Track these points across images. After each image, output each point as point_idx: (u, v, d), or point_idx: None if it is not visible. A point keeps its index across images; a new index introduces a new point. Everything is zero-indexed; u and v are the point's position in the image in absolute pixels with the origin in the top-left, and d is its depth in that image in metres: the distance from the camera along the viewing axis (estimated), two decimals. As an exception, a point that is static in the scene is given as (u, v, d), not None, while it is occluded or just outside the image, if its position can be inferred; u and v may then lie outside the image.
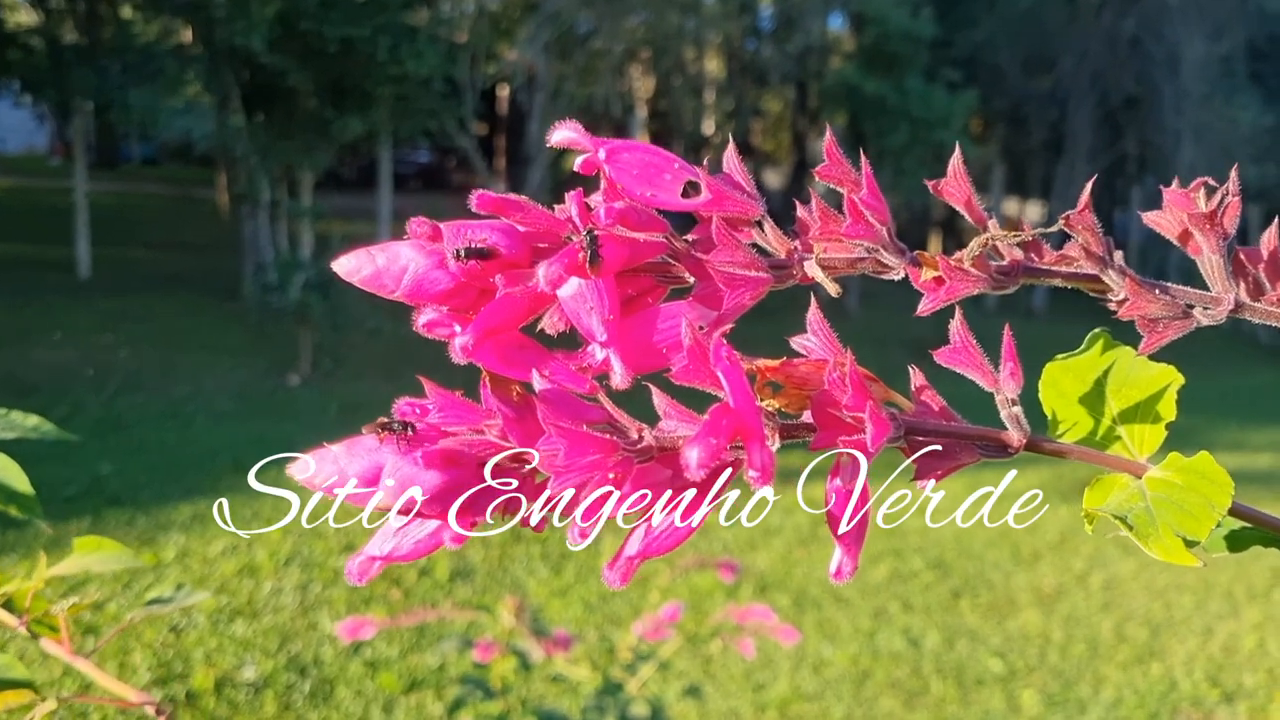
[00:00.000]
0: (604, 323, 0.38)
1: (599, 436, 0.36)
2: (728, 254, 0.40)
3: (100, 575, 5.14)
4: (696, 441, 0.35)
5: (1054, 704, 4.76)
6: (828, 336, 0.42)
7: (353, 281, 0.40)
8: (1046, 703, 4.76)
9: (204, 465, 7.18)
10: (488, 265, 0.39)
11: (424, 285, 0.40)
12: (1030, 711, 4.67)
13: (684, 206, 0.42)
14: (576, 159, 0.43)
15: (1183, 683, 5.04)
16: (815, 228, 0.42)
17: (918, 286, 0.42)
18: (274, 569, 5.54)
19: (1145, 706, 4.80)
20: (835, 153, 0.43)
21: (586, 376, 0.39)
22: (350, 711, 4.29)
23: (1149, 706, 4.81)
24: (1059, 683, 4.97)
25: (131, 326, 11.33)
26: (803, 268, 0.42)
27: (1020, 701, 4.74)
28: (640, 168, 0.42)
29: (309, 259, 11.71)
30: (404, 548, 0.40)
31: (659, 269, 0.41)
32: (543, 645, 2.74)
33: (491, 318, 0.39)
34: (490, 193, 0.40)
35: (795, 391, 0.40)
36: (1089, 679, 5.05)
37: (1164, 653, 5.33)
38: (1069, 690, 4.92)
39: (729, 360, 0.37)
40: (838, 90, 16.16)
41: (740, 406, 0.36)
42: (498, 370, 0.39)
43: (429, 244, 0.39)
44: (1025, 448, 0.39)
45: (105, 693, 0.90)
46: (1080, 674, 5.09)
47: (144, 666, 4.36)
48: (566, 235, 0.40)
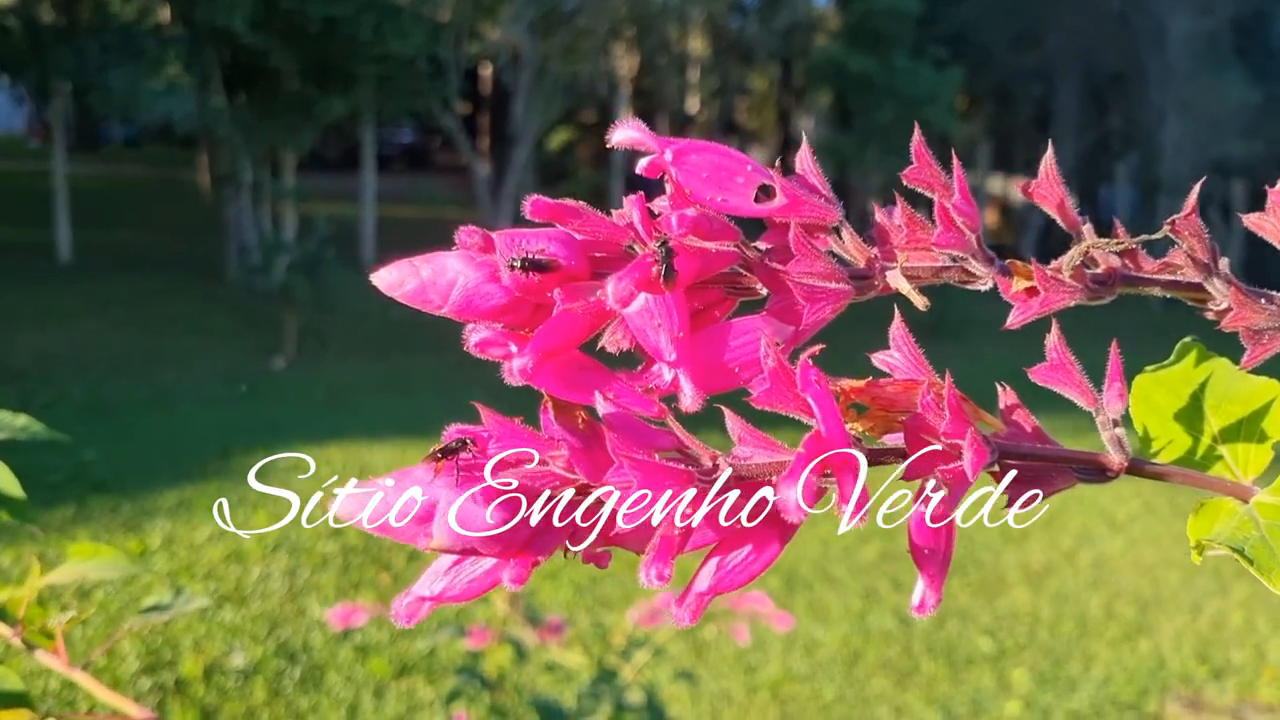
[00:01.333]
0: (673, 341, 0.35)
1: (673, 467, 0.33)
2: (807, 264, 0.37)
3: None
4: (794, 480, 0.32)
5: (1044, 682, 4.78)
6: (913, 353, 0.39)
7: (394, 296, 0.37)
8: (1037, 681, 4.78)
9: (190, 450, 7.12)
10: (545, 279, 0.35)
11: (475, 301, 0.36)
12: (1021, 690, 4.68)
13: (757, 212, 0.38)
14: (559, 138, 0.39)
15: (1171, 660, 5.06)
16: (901, 235, 0.39)
17: (1007, 297, 0.39)
18: (261, 555, 5.51)
19: (1134, 683, 4.82)
20: (925, 154, 0.40)
21: (653, 399, 0.36)
22: (341, 698, 4.27)
23: (1138, 683, 4.83)
24: (1049, 661, 4.99)
25: (115, 310, 11.23)
26: (884, 278, 0.39)
27: (1011, 680, 4.75)
28: (710, 170, 0.38)
29: (293, 240, 11.61)
30: (457, 587, 0.37)
31: (728, 280, 0.38)
32: (537, 632, 2.72)
33: (551, 336, 0.36)
34: (545, 199, 0.36)
35: (881, 414, 0.37)
36: (1079, 657, 5.07)
37: (1153, 630, 5.36)
38: (1059, 668, 4.94)
39: (819, 384, 0.34)
40: (823, 68, 16.09)
41: (833, 436, 0.33)
42: (558, 393, 0.36)
43: (479, 255, 0.36)
44: (1126, 470, 0.37)
45: (105, 708, 0.87)
46: (1070, 652, 5.11)
47: (132, 654, 4.33)
48: (627, 245, 0.37)
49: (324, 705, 4.21)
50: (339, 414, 8.46)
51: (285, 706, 4.18)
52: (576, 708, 2.66)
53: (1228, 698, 4.75)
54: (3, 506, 0.89)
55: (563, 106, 15.64)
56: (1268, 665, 5.07)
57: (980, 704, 4.53)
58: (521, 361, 0.35)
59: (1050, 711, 4.52)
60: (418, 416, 8.39)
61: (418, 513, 0.35)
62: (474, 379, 9.92)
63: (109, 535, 5.54)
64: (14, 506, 0.89)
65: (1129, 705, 4.62)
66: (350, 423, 8.12)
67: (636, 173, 0.39)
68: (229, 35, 11.98)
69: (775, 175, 0.39)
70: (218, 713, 4.09)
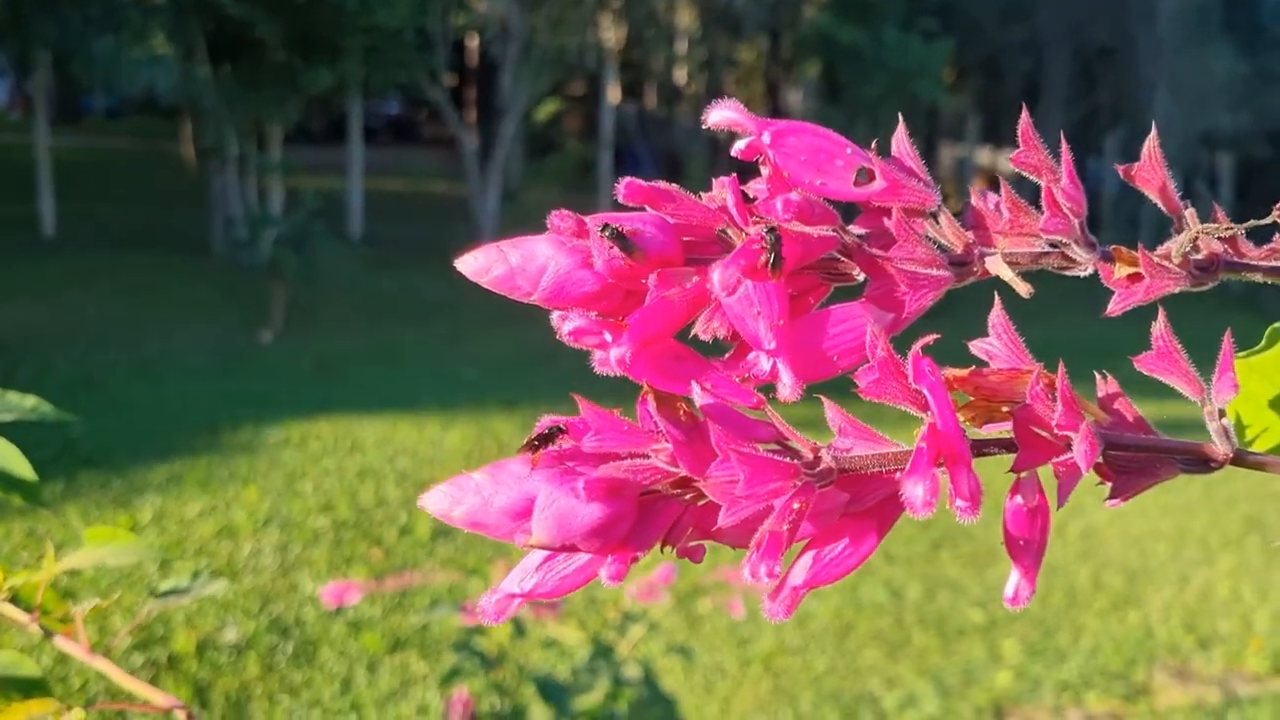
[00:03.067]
0: (773, 329, 0.34)
1: (779, 461, 0.32)
2: (909, 250, 0.36)
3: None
4: (919, 475, 0.31)
5: (1034, 653, 4.81)
6: (1013, 341, 0.38)
7: (480, 282, 0.36)
8: (1027, 652, 4.82)
9: (178, 425, 7.09)
10: (640, 264, 0.34)
11: (566, 287, 0.35)
12: (1011, 660, 4.72)
13: (855, 196, 0.37)
14: (547, 111, 0.38)
15: (1159, 630, 5.10)
16: (1003, 220, 0.38)
17: (1108, 283, 0.38)
18: (252, 530, 5.49)
19: (1123, 653, 4.86)
20: (1031, 137, 0.39)
21: (751, 389, 0.35)
22: (334, 672, 4.27)
23: (1126, 653, 4.87)
24: (1039, 632, 5.03)
25: (100, 284, 11.14)
26: (982, 264, 0.38)
27: (1001, 651, 4.79)
28: (809, 152, 0.37)
29: (280, 214, 11.53)
30: (549, 583, 0.36)
31: (824, 266, 0.37)
32: (533, 608, 2.72)
33: (648, 324, 0.34)
34: (638, 181, 0.35)
35: (983, 404, 0.36)
36: (1068, 627, 5.11)
37: (1140, 601, 5.40)
38: (1049, 639, 4.97)
39: (934, 376, 0.33)
40: (812, 40, 16.02)
41: (948, 429, 0.32)
42: (655, 383, 0.35)
43: (571, 240, 0.35)
44: (1230, 461, 0.36)
45: (129, 697, 0.86)
46: (1059, 623, 5.15)
47: (124, 630, 4.32)
48: (720, 229, 0.36)
49: (317, 680, 4.21)
50: (327, 387, 8.43)
51: (278, 682, 4.18)
52: (574, 683, 2.66)
53: (1215, 667, 4.80)
54: (13, 489, 0.88)
55: (550, 79, 15.54)
56: (1254, 635, 5.12)
57: (971, 674, 4.56)
58: (619, 350, 0.34)
59: (1040, 681, 4.56)
60: (407, 389, 8.37)
61: (514, 508, 0.34)
62: (463, 352, 9.90)
63: (99, 511, 5.52)
64: (25, 489, 0.88)
65: (1117, 675, 4.66)
66: (339, 396, 8.10)
67: (631, 148, 0.38)
68: (213, 5, 11.85)
69: (874, 158, 0.38)
70: (211, 688, 4.09)
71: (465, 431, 7.34)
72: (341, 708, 4.06)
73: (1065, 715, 4.32)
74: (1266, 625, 5.23)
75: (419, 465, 6.59)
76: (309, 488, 6.10)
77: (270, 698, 4.06)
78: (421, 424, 7.40)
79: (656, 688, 2.70)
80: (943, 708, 4.30)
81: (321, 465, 6.50)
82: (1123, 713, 4.35)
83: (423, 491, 0.35)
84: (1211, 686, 4.57)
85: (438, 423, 7.46)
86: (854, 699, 4.32)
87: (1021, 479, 0.35)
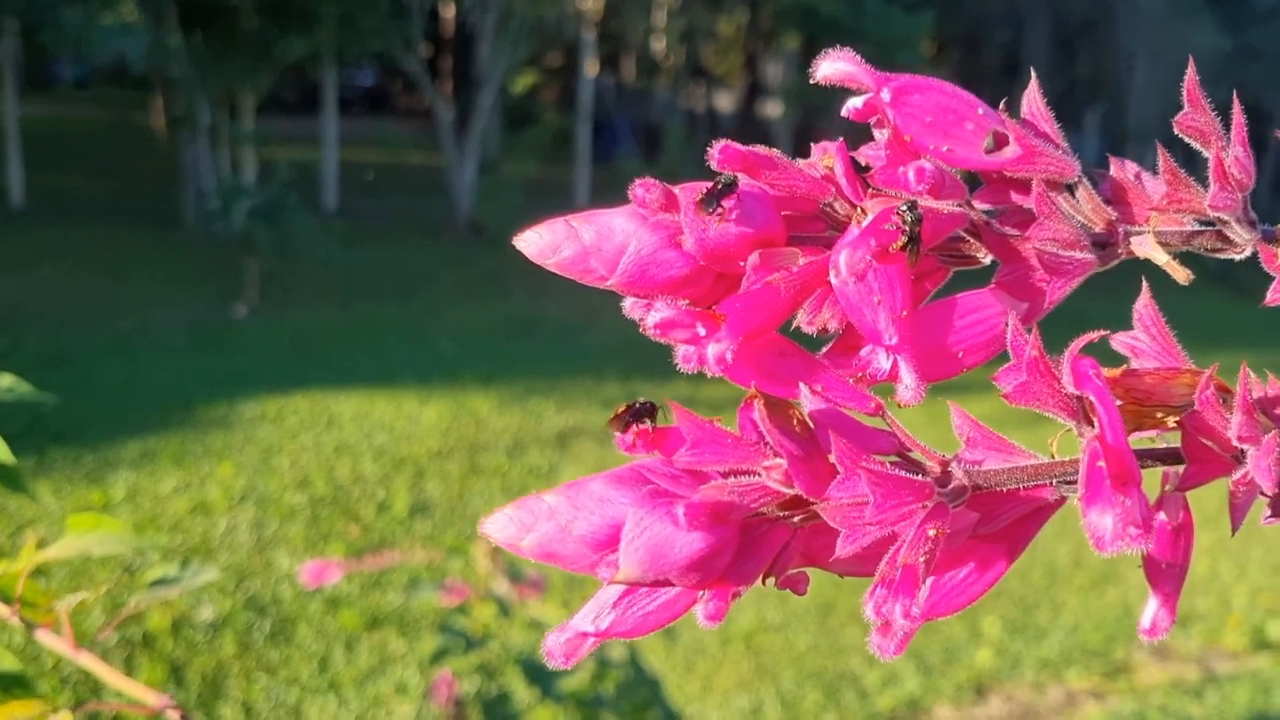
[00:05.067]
0: (895, 321, 0.29)
1: (912, 479, 0.27)
2: (1051, 229, 0.31)
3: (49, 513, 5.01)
4: (1104, 503, 0.26)
5: (1015, 630, 4.82)
6: (1163, 335, 0.33)
7: (545, 264, 0.30)
8: (1008, 629, 4.82)
9: (152, 400, 6.98)
10: (738, 242, 0.29)
11: (649, 270, 0.29)
12: (992, 637, 4.72)
13: (987, 165, 0.32)
14: (524, 82, 0.32)
15: (1138, 608, 5.09)
16: (1157, 193, 0.33)
17: (1270, 268, 0.33)
18: (227, 507, 5.42)
19: (1102, 631, 4.88)
20: (1198, 97, 0.34)
21: (868, 392, 0.30)
22: (312, 651, 4.23)
23: (1106, 631, 4.88)
24: (1019, 609, 5.03)
25: (70, 257, 10.97)
26: (1127, 245, 0.33)
27: (982, 628, 4.79)
28: (936, 113, 0.32)
29: (253, 185, 11.36)
30: (628, 622, 0.30)
31: (948, 247, 0.32)
32: (517, 589, 2.68)
33: (750, 315, 0.29)
34: (735, 145, 0.30)
35: (1133, 408, 0.31)
36: (1047, 605, 5.12)
37: (1119, 578, 5.41)
38: (1029, 616, 4.98)
39: (1099, 380, 0.28)
40: (792, 11, 15.88)
41: (1117, 444, 0.27)
42: (758, 385, 0.30)
43: (657, 214, 0.29)
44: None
45: (118, 696, 0.80)
46: (1039, 600, 5.16)
47: (98, 608, 4.24)
48: (825, 203, 0.30)
49: (295, 658, 4.16)
50: (304, 363, 8.33)
51: (255, 660, 4.13)
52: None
53: (1193, 645, 4.82)
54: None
55: (528, 49, 15.37)
56: (1232, 613, 5.15)
57: (952, 652, 4.56)
58: (719, 346, 0.28)
59: (1020, 659, 4.56)
60: (385, 365, 8.28)
61: (597, 536, 0.29)
62: (440, 326, 9.81)
63: (71, 487, 5.42)
64: (5, 473, 0.83)
65: (1097, 652, 4.67)
66: (316, 371, 8.00)
67: (617, 120, 0.32)
68: (184, -29, 11.62)
69: (1008, 121, 0.32)
70: (186, 667, 4.03)
71: (442, 407, 7.27)
72: (319, 686, 4.01)
73: (1046, 692, 4.33)
74: (1244, 602, 5.26)
75: (396, 441, 6.52)
76: (285, 464, 6.02)
77: (247, 676, 4.01)
78: (399, 399, 7.33)
79: (641, 669, 2.67)
80: (924, 685, 4.30)
81: (298, 441, 6.42)
82: (1103, 690, 4.36)
83: (399, 467, 0.30)
84: (1190, 664, 4.59)
85: (415, 398, 7.38)
86: (836, 677, 4.31)
87: (1166, 492, 0.30)
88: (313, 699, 3.92)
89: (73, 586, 4.31)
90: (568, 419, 7.27)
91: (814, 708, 4.12)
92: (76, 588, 4.17)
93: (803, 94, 15.09)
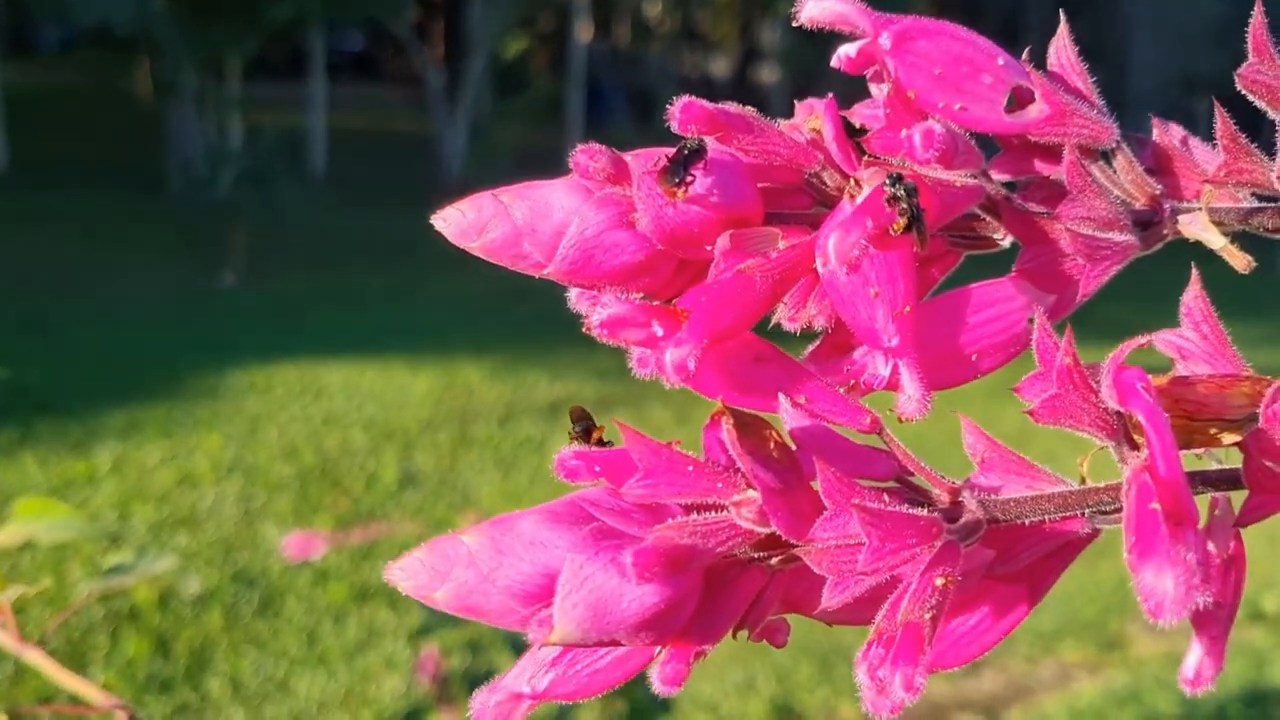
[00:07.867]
0: (895, 318, 0.23)
1: (913, 516, 0.22)
2: (1087, 205, 0.26)
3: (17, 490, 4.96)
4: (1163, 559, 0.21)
5: (1007, 602, 4.81)
6: (1217, 336, 0.28)
7: (469, 248, 0.25)
8: (1000, 601, 4.81)
9: (137, 370, 6.91)
10: (705, 222, 0.23)
11: (596, 255, 0.23)
12: (984, 610, 4.71)
13: (1007, 127, 0.27)
14: (515, 47, 0.26)
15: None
16: (1214, 163, 0.28)
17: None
18: (215, 478, 5.37)
19: (1096, 603, 4.87)
20: (1267, 46, 0.28)
21: (861, 405, 0.25)
22: (301, 624, 4.19)
23: (1100, 603, 4.87)
24: (1012, 581, 5.02)
25: (54, 223, 10.86)
26: (1173, 225, 0.28)
27: (974, 600, 4.78)
28: (946, 64, 0.26)
29: (240, 151, 11.24)
30: (571, 682, 0.25)
31: (959, 227, 0.26)
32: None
33: (717, 311, 0.23)
34: (700, 102, 0.24)
35: (1182, 422, 0.27)
36: (1040, 576, 5.11)
37: (1114, 551, 5.30)
38: (1021, 588, 4.97)
39: (1150, 395, 0.23)
40: (786, -24, 15.71)
41: (1172, 477, 0.22)
42: (728, 397, 0.24)
43: (605, 187, 0.24)
44: None
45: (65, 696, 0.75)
46: (1032, 571, 5.15)
47: (83, 581, 4.20)
48: (810, 172, 0.25)
49: (283, 632, 4.13)
50: (290, 331, 8.25)
51: (243, 633, 4.10)
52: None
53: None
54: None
55: (519, 14, 15.20)
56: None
57: (944, 624, 4.55)
58: (679, 351, 0.23)
59: (1014, 633, 4.55)
60: (372, 333, 8.21)
61: (526, 587, 0.23)
62: (430, 294, 9.75)
63: (56, 458, 5.37)
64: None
65: (1091, 625, 4.66)
66: (302, 340, 7.93)
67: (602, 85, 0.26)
68: (168, -67, 11.44)
69: (1034, 74, 0.27)
70: (173, 640, 3.99)
71: (433, 376, 7.21)
72: (308, 659, 3.98)
73: (1040, 665, 4.31)
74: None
75: (386, 411, 6.46)
76: (273, 434, 5.97)
77: (234, 649, 3.97)
78: (388, 369, 7.26)
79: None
80: (916, 656, 4.28)
81: (286, 411, 6.36)
82: (1098, 663, 4.35)
83: (389, 438, 0.25)
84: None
85: (405, 367, 7.32)
86: (829, 651, 4.29)
87: (1216, 518, 0.26)
88: (301, 672, 3.89)
89: (56, 567, 4.26)
90: (560, 389, 7.22)
91: (807, 681, 4.09)
92: (59, 569, 4.13)
93: (800, 58, 14.96)
